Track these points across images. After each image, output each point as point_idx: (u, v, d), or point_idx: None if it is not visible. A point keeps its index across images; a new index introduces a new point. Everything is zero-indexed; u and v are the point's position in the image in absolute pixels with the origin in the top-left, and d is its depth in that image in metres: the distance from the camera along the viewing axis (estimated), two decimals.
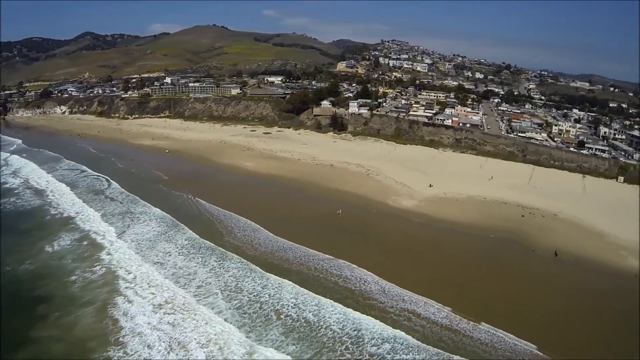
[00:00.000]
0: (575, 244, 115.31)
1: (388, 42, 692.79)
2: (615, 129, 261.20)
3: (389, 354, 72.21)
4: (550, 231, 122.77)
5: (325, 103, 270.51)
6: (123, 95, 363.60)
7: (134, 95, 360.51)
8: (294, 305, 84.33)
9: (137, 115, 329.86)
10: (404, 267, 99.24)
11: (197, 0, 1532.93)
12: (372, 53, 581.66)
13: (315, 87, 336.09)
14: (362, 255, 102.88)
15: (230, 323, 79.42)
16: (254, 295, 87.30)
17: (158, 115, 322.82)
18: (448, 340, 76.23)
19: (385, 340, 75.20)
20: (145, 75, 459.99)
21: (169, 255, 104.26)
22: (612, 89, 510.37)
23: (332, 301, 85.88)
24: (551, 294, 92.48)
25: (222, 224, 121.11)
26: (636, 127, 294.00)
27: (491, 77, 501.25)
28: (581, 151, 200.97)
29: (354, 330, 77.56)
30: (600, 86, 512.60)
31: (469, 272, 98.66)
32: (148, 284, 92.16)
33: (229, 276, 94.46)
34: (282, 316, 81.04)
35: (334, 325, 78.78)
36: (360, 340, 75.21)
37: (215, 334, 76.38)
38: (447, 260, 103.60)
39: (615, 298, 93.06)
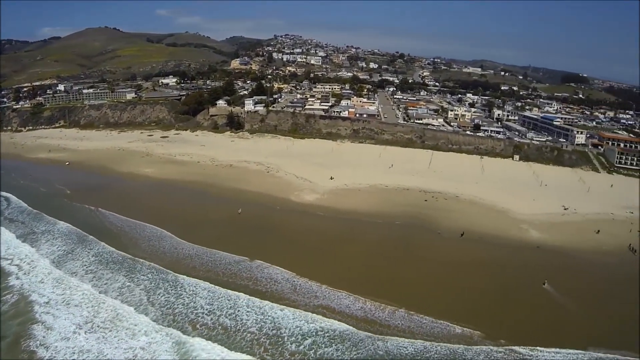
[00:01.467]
0: (479, 223, 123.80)
1: (281, 37, 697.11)
2: (508, 111, 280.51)
3: (311, 350, 73.57)
4: (454, 212, 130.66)
5: (221, 102, 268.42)
6: (15, 106, 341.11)
7: (26, 105, 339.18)
8: (209, 312, 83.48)
9: (31, 127, 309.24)
10: (314, 261, 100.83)
11: (87, 1, 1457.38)
12: (266, 49, 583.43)
13: (210, 87, 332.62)
14: (271, 252, 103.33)
15: (153, 334, 77.86)
16: (167, 308, 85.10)
17: (53, 126, 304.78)
18: (369, 329, 78.88)
19: (305, 337, 76.47)
20: (37, 83, 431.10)
21: (82, 271, 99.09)
22: (503, 73, 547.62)
23: (247, 297, 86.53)
24: (461, 272, 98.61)
25: (128, 233, 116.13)
26: (527, 107, 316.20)
27: (385, 66, 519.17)
28: (477, 134, 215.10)
29: (273, 330, 78.09)
30: (492, 71, 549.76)
31: (379, 261, 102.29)
32: (66, 304, 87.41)
33: (140, 290, 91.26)
34: (197, 326, 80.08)
35: (252, 327, 78.86)
36: (280, 340, 75.82)
37: (141, 347, 74.63)
38: (356, 250, 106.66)
39: (520, 269, 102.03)
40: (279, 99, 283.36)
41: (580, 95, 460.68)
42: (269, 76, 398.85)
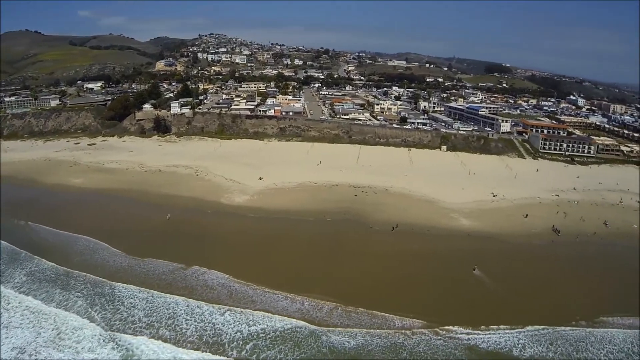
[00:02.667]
0: (410, 214, 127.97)
1: (206, 36, 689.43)
2: (434, 102, 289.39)
3: (253, 354, 73.89)
4: (385, 206, 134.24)
5: (147, 106, 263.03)
6: None
7: None
8: (148, 324, 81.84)
9: None
10: (249, 263, 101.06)
11: (4, 1, 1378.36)
12: (191, 49, 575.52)
13: (135, 91, 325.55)
14: (205, 257, 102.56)
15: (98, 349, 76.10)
16: (105, 323, 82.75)
17: None
18: (309, 327, 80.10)
19: (246, 341, 76.80)
20: None
21: (17, 289, 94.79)
22: (428, 65, 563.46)
23: (186, 304, 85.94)
24: (395, 264, 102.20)
25: (61, 246, 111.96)
26: (453, 98, 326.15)
27: (310, 62, 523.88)
28: (404, 126, 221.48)
29: (214, 337, 77.82)
30: (417, 63, 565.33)
31: (313, 259, 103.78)
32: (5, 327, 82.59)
33: (78, 306, 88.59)
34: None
35: (192, 336, 78.28)
36: (221, 348, 75.56)
37: None
38: (289, 250, 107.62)
39: (451, 257, 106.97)
40: (205, 100, 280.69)
41: (504, 85, 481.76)
42: (195, 77, 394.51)
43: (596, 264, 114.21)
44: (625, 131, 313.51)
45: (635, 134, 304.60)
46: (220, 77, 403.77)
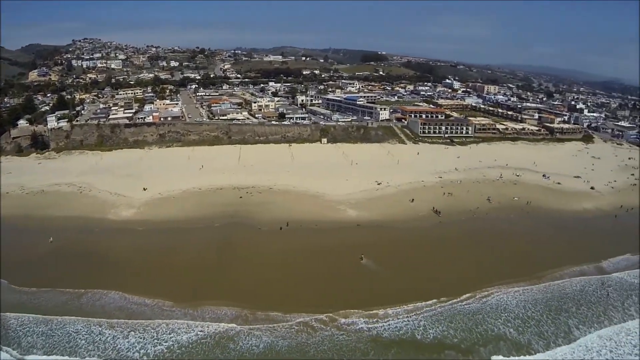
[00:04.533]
0: (297, 210, 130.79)
1: (80, 41, 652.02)
2: (312, 96, 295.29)
3: None
4: (271, 204, 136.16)
5: (23, 122, 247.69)
6: None
7: None
8: None
9: None
10: (144, 279, 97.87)
11: None
12: (64, 56, 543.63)
13: (8, 105, 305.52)
14: (97, 279, 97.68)
15: None
16: None
17: None
18: (216, 338, 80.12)
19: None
20: None
21: None
22: (304, 58, 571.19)
23: (86, 331, 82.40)
24: (286, 262, 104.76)
25: None
26: (330, 90, 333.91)
27: (187, 63, 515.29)
28: (283, 122, 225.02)
29: None
30: (293, 57, 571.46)
31: (204, 267, 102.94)
32: None
33: None
34: None
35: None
36: None
37: None
38: (181, 260, 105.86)
39: (340, 249, 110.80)
40: (83, 111, 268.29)
41: (381, 73, 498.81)
42: (70, 86, 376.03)
43: (481, 238, 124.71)
44: (500, 110, 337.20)
45: (509, 112, 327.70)
46: (96, 84, 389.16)
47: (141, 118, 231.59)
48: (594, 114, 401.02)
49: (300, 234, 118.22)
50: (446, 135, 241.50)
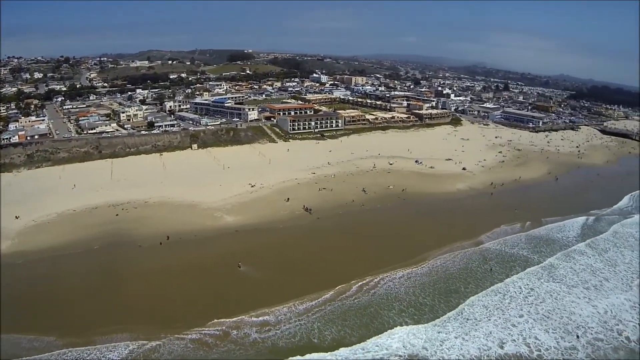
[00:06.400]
0: (174, 222, 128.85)
1: None
2: (180, 101, 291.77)
3: None
4: (148, 219, 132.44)
5: None
6: None
7: None
8: None
9: None
10: (32, 319, 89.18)
11: None
12: None
13: None
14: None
15: None
16: None
17: None
18: None
19: None
20: None
21: None
22: (170, 61, 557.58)
23: None
24: (171, 279, 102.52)
25: None
26: (198, 93, 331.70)
27: (51, 74, 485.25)
28: (152, 131, 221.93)
29: None
30: (159, 61, 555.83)
31: (93, 296, 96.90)
32: None
33: None
34: None
35: None
36: None
37: None
38: (67, 293, 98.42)
39: (220, 257, 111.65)
40: None
41: (248, 71, 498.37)
42: None
43: (360, 229, 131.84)
44: (368, 100, 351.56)
45: (378, 102, 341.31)
46: None
47: (6, 139, 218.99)
48: (460, 98, 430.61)
49: (181, 246, 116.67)
50: (316, 130, 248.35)
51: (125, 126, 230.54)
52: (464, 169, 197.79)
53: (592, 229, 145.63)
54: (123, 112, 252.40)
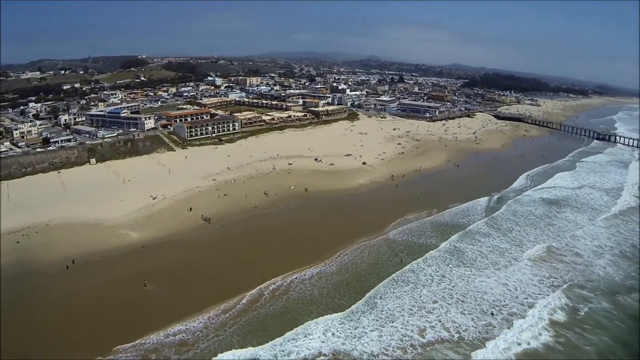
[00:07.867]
0: (78, 244, 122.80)
1: None
2: (75, 113, 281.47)
3: None
4: (51, 244, 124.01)
5: None
6: None
7: None
8: None
9: None
10: None
11: None
12: None
13: None
14: None
15: None
16: None
17: None
18: None
19: None
20: None
21: None
22: (62, 71, 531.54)
23: None
24: (78, 306, 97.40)
25: None
26: (93, 104, 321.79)
27: None
28: (48, 148, 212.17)
29: None
30: (52, 72, 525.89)
31: None
32: None
33: None
34: None
35: None
36: None
37: None
38: None
39: (124, 277, 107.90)
40: None
41: (142, 78, 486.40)
42: None
43: (265, 233, 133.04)
44: (264, 101, 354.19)
45: (274, 102, 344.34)
46: None
47: None
48: (356, 92, 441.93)
49: (87, 269, 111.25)
50: (214, 135, 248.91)
51: (20, 144, 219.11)
52: (364, 163, 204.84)
53: (493, 209, 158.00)
54: (16, 129, 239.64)
